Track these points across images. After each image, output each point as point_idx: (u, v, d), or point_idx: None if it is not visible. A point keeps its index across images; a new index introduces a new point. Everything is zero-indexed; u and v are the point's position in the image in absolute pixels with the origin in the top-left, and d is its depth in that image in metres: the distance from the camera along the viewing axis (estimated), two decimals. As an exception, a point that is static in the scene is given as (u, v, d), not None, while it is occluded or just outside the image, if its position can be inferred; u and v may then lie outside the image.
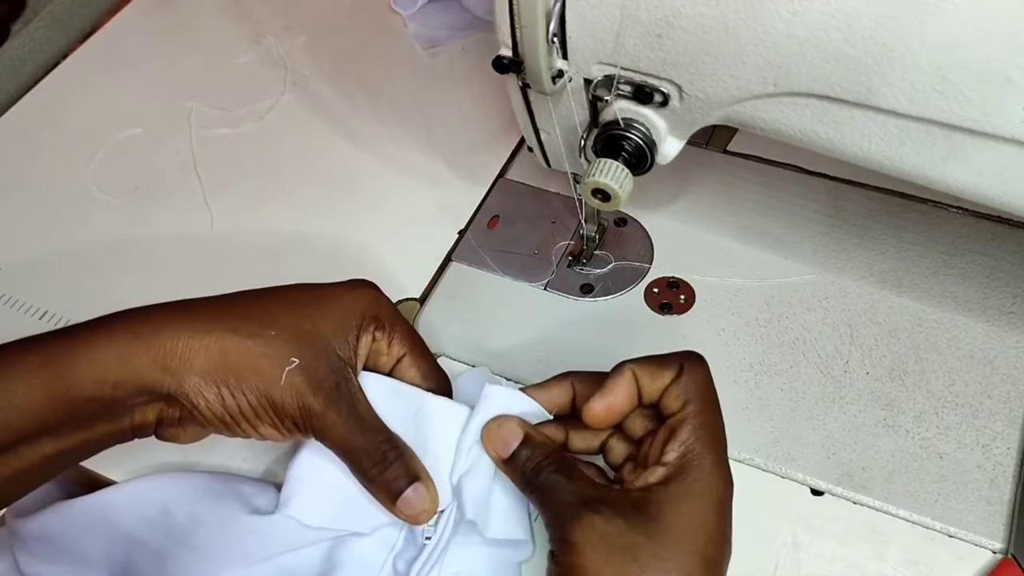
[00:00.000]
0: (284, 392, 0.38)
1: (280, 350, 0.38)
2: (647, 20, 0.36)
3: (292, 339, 0.39)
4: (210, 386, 0.37)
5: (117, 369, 0.37)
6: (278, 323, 0.39)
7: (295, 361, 0.38)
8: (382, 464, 0.39)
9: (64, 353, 0.37)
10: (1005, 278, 0.50)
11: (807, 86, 0.36)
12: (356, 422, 0.39)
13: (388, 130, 0.62)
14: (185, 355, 0.37)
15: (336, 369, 0.39)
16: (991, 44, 0.32)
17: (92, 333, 0.38)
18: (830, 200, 0.54)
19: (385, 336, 0.42)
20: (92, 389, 0.36)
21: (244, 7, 0.72)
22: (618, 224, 0.55)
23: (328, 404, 0.39)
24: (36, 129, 0.64)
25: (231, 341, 0.38)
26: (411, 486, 0.39)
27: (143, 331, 0.37)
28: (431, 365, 0.44)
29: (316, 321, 0.40)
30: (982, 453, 0.44)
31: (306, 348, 0.39)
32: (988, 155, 0.35)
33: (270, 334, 0.39)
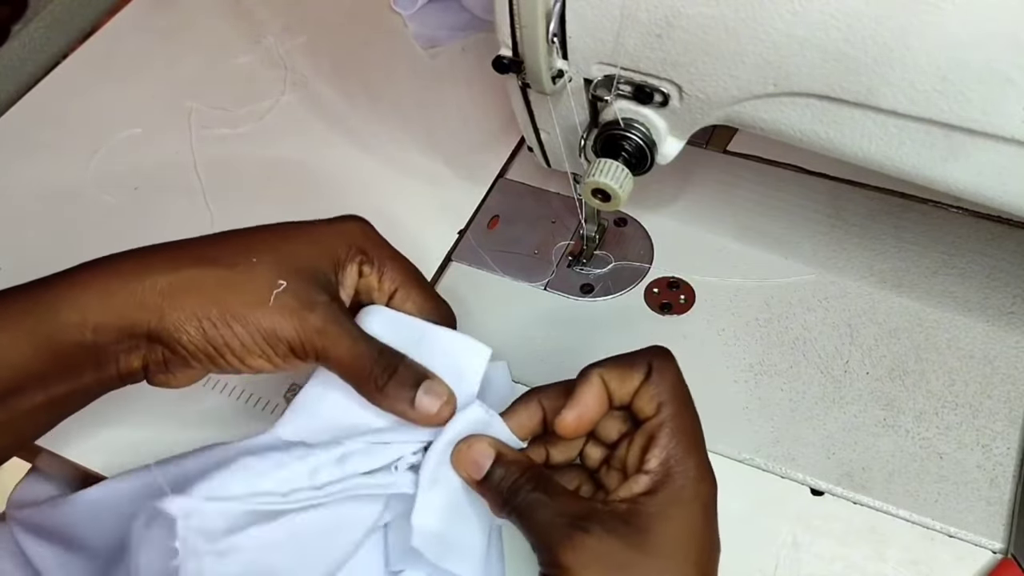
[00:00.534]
0: (275, 314, 0.37)
1: (264, 275, 0.37)
2: (647, 20, 0.36)
3: (276, 266, 0.38)
4: (191, 319, 0.36)
5: (97, 311, 0.36)
6: (259, 252, 0.38)
7: (283, 283, 0.37)
8: (388, 372, 0.38)
9: (46, 299, 0.36)
10: (1005, 278, 0.50)
11: (807, 86, 0.36)
12: (358, 332, 0.38)
13: (388, 130, 0.62)
14: (164, 290, 0.36)
15: (326, 290, 0.38)
16: (991, 44, 0.32)
17: (73, 277, 0.37)
18: (830, 200, 0.54)
19: (374, 270, 0.41)
20: (74, 334, 0.36)
21: (244, 7, 0.72)
22: (618, 224, 0.55)
23: (327, 318, 0.37)
24: (36, 129, 0.64)
25: (211, 272, 0.37)
26: (422, 384, 0.38)
27: (123, 270, 0.37)
28: (427, 295, 0.42)
29: (299, 250, 0.39)
30: (982, 453, 0.44)
31: (291, 273, 0.38)
32: (988, 155, 0.35)
33: (251, 261, 0.38)
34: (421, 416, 0.38)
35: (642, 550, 0.33)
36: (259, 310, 0.37)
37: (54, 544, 0.42)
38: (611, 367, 0.37)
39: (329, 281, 0.39)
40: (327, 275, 0.39)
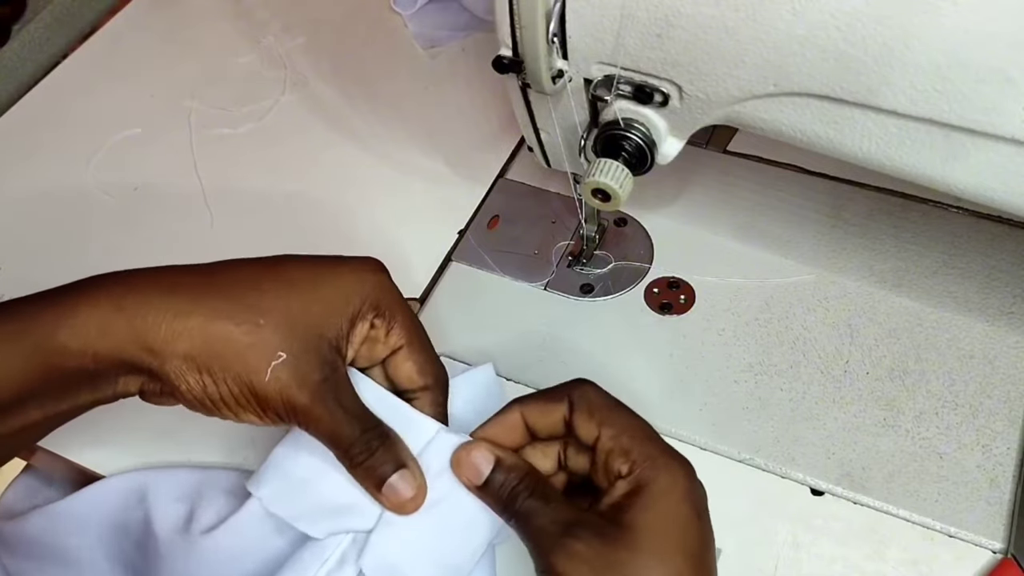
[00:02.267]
0: (269, 386, 0.37)
1: (267, 342, 0.37)
2: (647, 20, 0.36)
3: (281, 329, 0.38)
4: (192, 371, 0.37)
5: (98, 342, 0.36)
6: (267, 309, 0.38)
7: (282, 355, 0.37)
8: (367, 451, 0.38)
9: (44, 321, 0.36)
10: (1005, 278, 0.50)
11: (807, 86, 0.36)
12: (342, 414, 0.38)
13: (388, 130, 0.62)
14: (168, 337, 0.36)
15: (325, 360, 0.38)
16: (991, 44, 0.32)
17: (73, 301, 0.37)
18: (830, 200, 0.54)
19: (384, 324, 0.40)
20: (74, 360, 0.36)
21: (244, 7, 0.72)
22: (618, 224, 0.55)
23: (314, 399, 0.38)
24: (36, 129, 0.64)
25: (217, 327, 0.37)
26: (397, 472, 0.38)
27: (126, 305, 0.37)
28: (428, 359, 0.42)
29: (308, 305, 0.39)
30: (982, 453, 0.44)
31: (295, 340, 0.38)
32: (988, 155, 0.35)
33: (258, 322, 0.37)
34: (387, 501, 0.39)
35: (630, 548, 0.33)
36: (255, 379, 0.37)
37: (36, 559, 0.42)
38: (531, 403, 0.38)
39: (332, 348, 0.39)
40: (332, 341, 0.39)
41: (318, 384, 0.38)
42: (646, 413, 0.46)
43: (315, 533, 0.39)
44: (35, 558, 0.43)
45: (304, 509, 0.40)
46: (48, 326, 0.36)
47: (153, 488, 0.43)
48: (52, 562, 0.42)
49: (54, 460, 0.47)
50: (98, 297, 0.37)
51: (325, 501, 0.39)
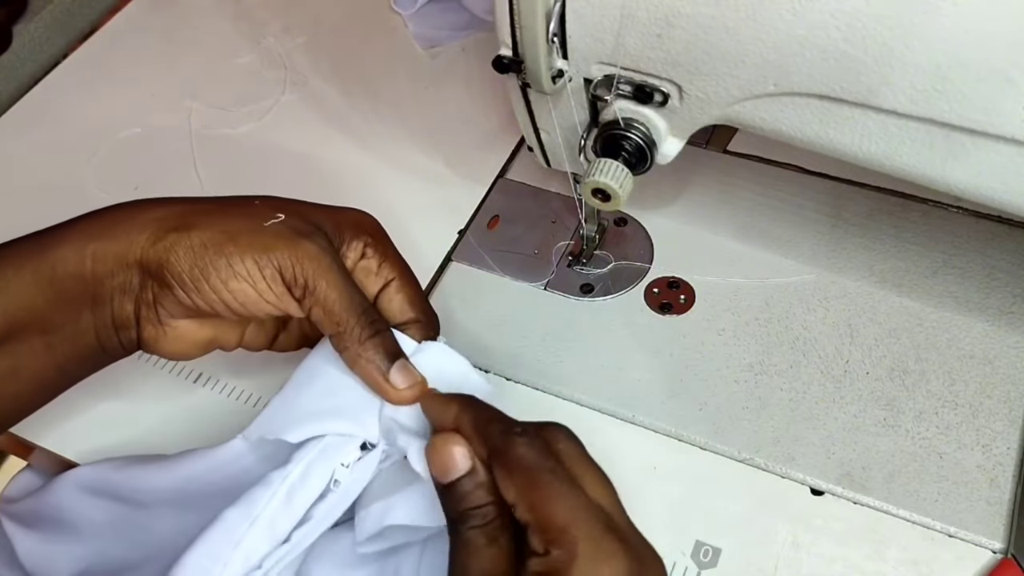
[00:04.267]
0: (269, 235, 0.37)
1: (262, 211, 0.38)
2: (647, 20, 0.36)
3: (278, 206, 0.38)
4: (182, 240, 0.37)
5: (96, 237, 0.37)
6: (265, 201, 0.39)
7: (280, 216, 0.37)
8: (374, 327, 0.38)
9: (52, 237, 0.38)
10: (1005, 278, 0.50)
11: (807, 86, 0.36)
12: (349, 277, 0.38)
13: (388, 130, 0.62)
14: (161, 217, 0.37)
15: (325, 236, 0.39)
16: (991, 44, 0.32)
17: (81, 219, 0.39)
18: (830, 200, 0.54)
19: (376, 256, 0.41)
20: (73, 265, 0.37)
21: (244, 7, 0.72)
22: (618, 224, 0.55)
23: (322, 248, 0.37)
24: (36, 129, 0.64)
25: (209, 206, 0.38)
26: (397, 361, 0.38)
27: (128, 207, 0.38)
28: (418, 295, 0.42)
29: (306, 211, 0.40)
30: (982, 453, 0.44)
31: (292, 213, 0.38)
32: (988, 155, 0.35)
33: (254, 203, 0.38)
34: (387, 386, 0.37)
35: None
36: (252, 232, 0.37)
37: (40, 532, 0.43)
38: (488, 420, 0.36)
39: (328, 239, 0.39)
40: (328, 235, 0.39)
41: (324, 239, 0.38)
42: (646, 413, 0.46)
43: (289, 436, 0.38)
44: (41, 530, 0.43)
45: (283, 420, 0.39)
46: (53, 241, 0.37)
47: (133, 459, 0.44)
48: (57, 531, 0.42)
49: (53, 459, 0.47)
50: (101, 212, 0.39)
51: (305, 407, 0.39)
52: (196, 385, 0.49)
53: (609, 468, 0.45)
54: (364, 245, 0.41)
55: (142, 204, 0.39)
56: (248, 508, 0.37)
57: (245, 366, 0.49)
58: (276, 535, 0.37)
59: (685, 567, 0.42)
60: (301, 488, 0.37)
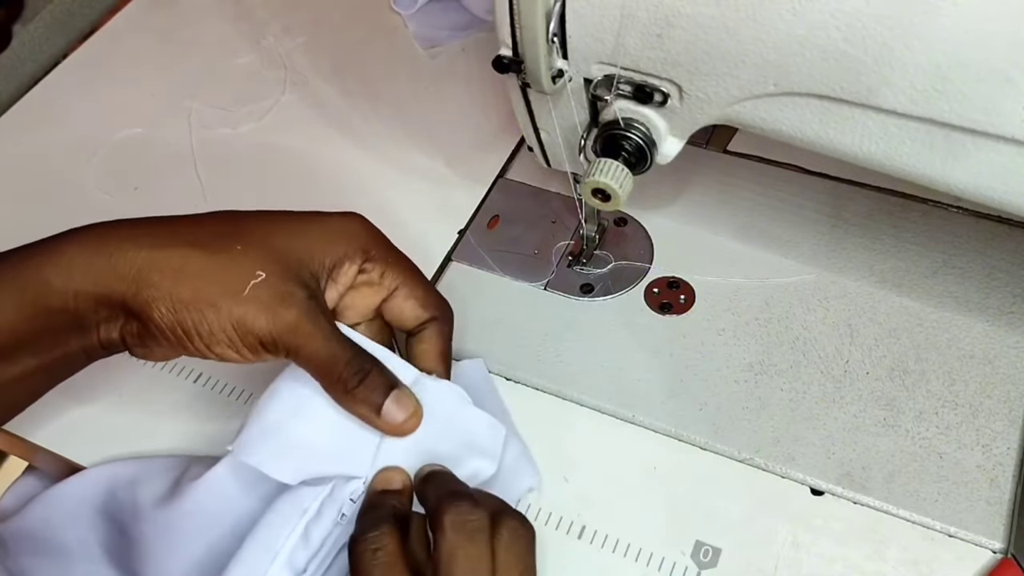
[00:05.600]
0: (248, 305, 0.36)
1: (244, 265, 0.37)
2: (647, 20, 0.36)
3: (260, 254, 0.37)
4: (164, 298, 0.36)
5: (79, 278, 0.36)
6: (246, 238, 0.38)
7: (261, 275, 0.37)
8: (361, 374, 0.38)
9: (33, 263, 0.37)
10: (1005, 278, 0.50)
11: (807, 86, 0.36)
12: (332, 332, 0.38)
13: (388, 130, 0.62)
14: (144, 265, 0.36)
15: (307, 284, 0.38)
16: (991, 44, 0.32)
17: (61, 242, 0.38)
18: (830, 200, 0.54)
19: (377, 267, 0.40)
20: (58, 299, 0.36)
21: (244, 7, 0.72)
22: (618, 224, 0.55)
23: (301, 314, 0.37)
24: (36, 129, 0.64)
25: (191, 254, 0.37)
26: (391, 394, 0.38)
27: (108, 240, 0.37)
28: (430, 293, 0.42)
29: (291, 239, 0.39)
30: (982, 453, 0.44)
31: (274, 262, 0.37)
32: (988, 155, 0.35)
33: (236, 248, 0.37)
34: (386, 424, 0.38)
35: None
36: (232, 299, 0.36)
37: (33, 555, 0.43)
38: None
39: (313, 277, 0.38)
40: (313, 271, 0.38)
41: (304, 301, 0.37)
42: (646, 413, 0.46)
43: (284, 478, 0.38)
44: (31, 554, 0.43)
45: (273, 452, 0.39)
46: (35, 268, 0.37)
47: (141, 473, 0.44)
48: (48, 555, 0.42)
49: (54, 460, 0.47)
50: (84, 237, 0.38)
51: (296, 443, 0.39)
52: (196, 385, 0.49)
53: (609, 468, 0.45)
54: (362, 260, 0.40)
55: (123, 236, 0.38)
56: (269, 543, 0.37)
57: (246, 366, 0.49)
58: (295, 569, 0.38)
59: (685, 567, 0.42)
60: (316, 524, 0.38)
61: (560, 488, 0.44)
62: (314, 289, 0.38)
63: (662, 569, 0.42)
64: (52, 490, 0.44)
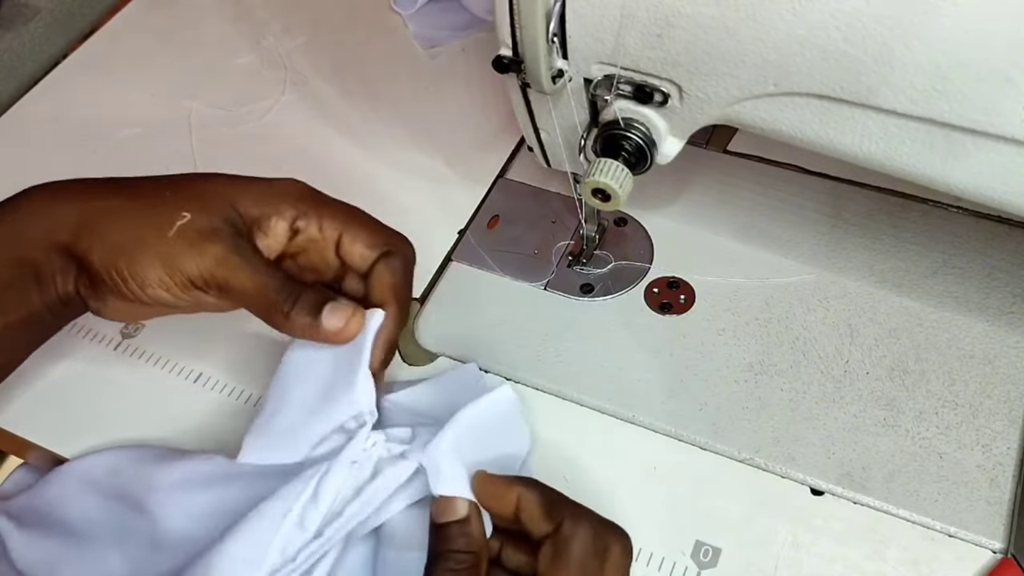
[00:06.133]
0: (175, 244, 0.37)
1: (171, 207, 0.38)
2: (647, 20, 0.36)
3: (188, 197, 0.39)
4: (98, 243, 0.37)
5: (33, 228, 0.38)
6: (178, 186, 0.40)
7: (186, 215, 0.38)
8: (294, 296, 0.38)
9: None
10: (1005, 278, 0.50)
11: (807, 86, 0.36)
12: (260, 263, 0.38)
13: (388, 130, 0.62)
14: (83, 214, 0.38)
15: (232, 223, 0.39)
16: (991, 44, 0.32)
17: (18, 199, 0.39)
18: (830, 200, 0.54)
19: (311, 221, 0.41)
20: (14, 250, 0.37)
21: (244, 7, 0.72)
22: (618, 224, 0.55)
23: (227, 248, 0.38)
24: (36, 129, 0.64)
25: (122, 202, 0.39)
26: (326, 306, 0.38)
27: (58, 193, 0.39)
28: (375, 232, 0.42)
29: (222, 187, 0.40)
30: (982, 453, 0.44)
31: (200, 205, 0.38)
32: (988, 155, 0.35)
33: (165, 194, 0.39)
34: (328, 334, 0.38)
35: None
36: (159, 238, 0.37)
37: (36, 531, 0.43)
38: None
39: (241, 220, 0.39)
40: (241, 215, 0.39)
41: (229, 236, 0.38)
42: (646, 413, 0.46)
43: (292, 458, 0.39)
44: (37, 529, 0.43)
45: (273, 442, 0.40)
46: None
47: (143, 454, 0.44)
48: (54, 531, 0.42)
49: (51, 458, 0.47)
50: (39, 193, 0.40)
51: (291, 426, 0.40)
52: (196, 385, 0.49)
53: (609, 468, 0.45)
54: (293, 219, 0.41)
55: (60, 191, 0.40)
56: (284, 502, 0.38)
57: (245, 366, 0.49)
58: (305, 529, 0.38)
59: (685, 567, 0.42)
60: (324, 484, 0.38)
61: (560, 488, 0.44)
62: (240, 228, 0.39)
63: (662, 569, 0.42)
64: (54, 472, 0.44)
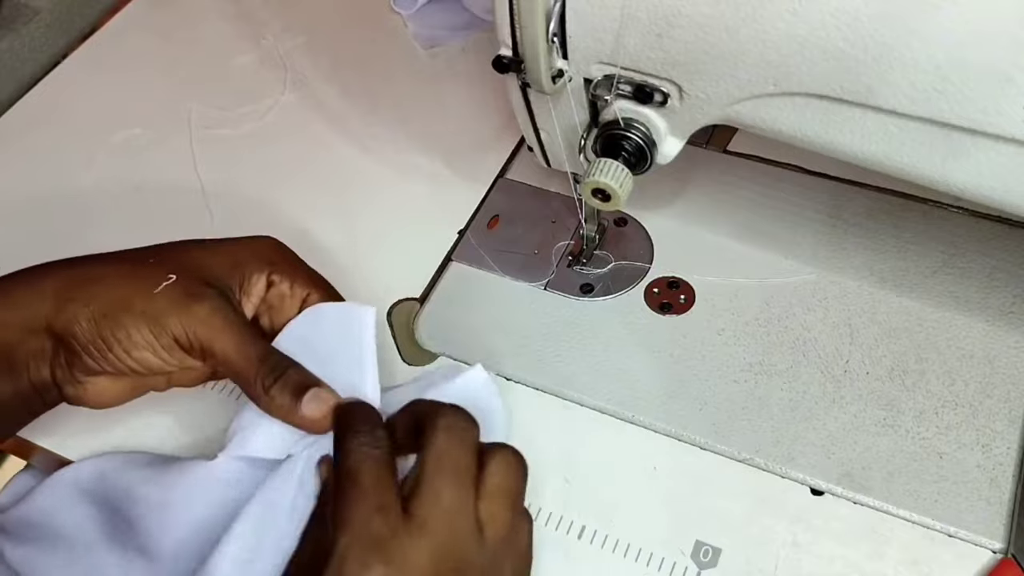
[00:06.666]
0: (161, 302, 0.37)
1: (156, 271, 0.38)
2: (647, 20, 0.36)
3: (172, 263, 0.39)
4: (83, 310, 0.37)
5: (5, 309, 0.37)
6: (159, 254, 0.40)
7: (172, 277, 0.38)
8: (277, 371, 0.38)
9: None
10: (1005, 278, 0.50)
11: (807, 86, 0.36)
12: (245, 329, 0.38)
13: (388, 130, 0.62)
14: (60, 283, 0.38)
15: (218, 287, 0.39)
16: (991, 44, 0.32)
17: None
18: (830, 200, 0.54)
19: (286, 279, 0.41)
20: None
21: (244, 7, 0.72)
22: (618, 224, 0.55)
23: (213, 309, 0.38)
24: (36, 129, 0.64)
25: (108, 269, 0.39)
26: (308, 392, 0.38)
27: (28, 273, 0.39)
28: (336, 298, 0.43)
29: (202, 254, 0.40)
30: (982, 453, 0.44)
31: (185, 270, 0.39)
32: (988, 155, 0.35)
33: (148, 262, 0.39)
34: (305, 422, 0.38)
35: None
36: (145, 299, 0.37)
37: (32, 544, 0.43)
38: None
39: (226, 286, 0.39)
40: (224, 281, 0.40)
41: (215, 298, 0.38)
42: (646, 413, 0.46)
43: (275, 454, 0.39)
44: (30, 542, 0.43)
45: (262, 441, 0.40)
46: None
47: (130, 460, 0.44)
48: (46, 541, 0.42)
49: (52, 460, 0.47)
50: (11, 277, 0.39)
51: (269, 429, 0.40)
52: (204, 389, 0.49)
53: (609, 468, 0.45)
54: (269, 274, 0.41)
55: (39, 270, 0.39)
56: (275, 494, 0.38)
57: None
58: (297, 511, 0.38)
59: (685, 567, 0.42)
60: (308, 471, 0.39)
61: (560, 488, 0.44)
62: (225, 291, 0.39)
63: (662, 569, 0.42)
64: (44, 481, 0.44)
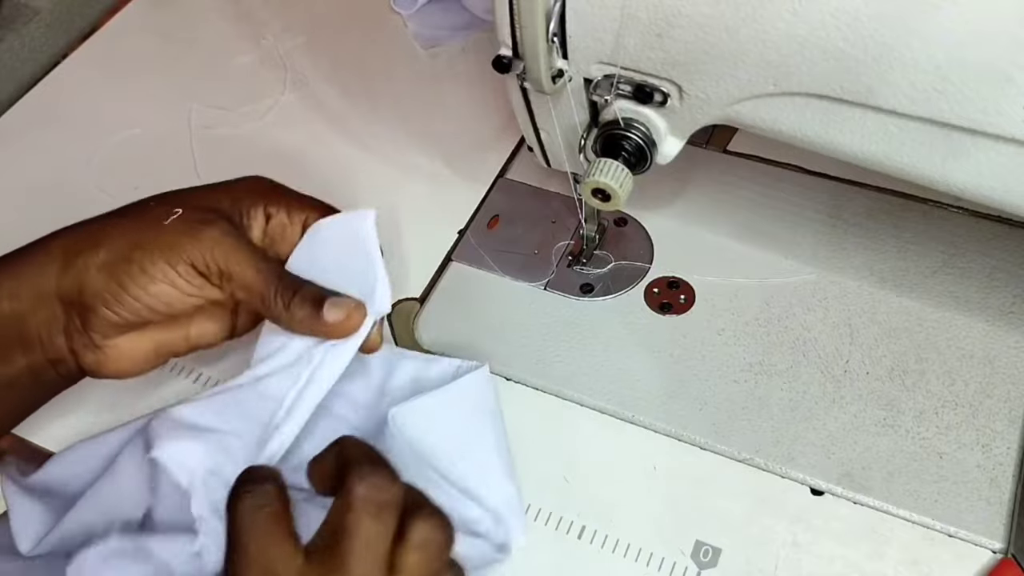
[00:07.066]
0: (172, 233, 0.38)
1: (160, 211, 0.39)
2: (647, 20, 0.36)
3: (174, 203, 0.39)
4: (92, 258, 0.37)
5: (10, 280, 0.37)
6: (160, 199, 0.40)
7: (178, 211, 0.38)
8: (294, 288, 0.39)
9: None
10: (1005, 278, 0.50)
11: (807, 86, 0.36)
12: (258, 251, 0.39)
13: (388, 130, 0.62)
14: (66, 242, 0.38)
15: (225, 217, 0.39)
16: (991, 43, 0.32)
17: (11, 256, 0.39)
18: (830, 200, 0.54)
19: (280, 208, 0.42)
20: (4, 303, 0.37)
21: (244, 7, 0.72)
22: (618, 224, 0.55)
23: (223, 232, 0.38)
24: (36, 129, 0.64)
25: (111, 219, 0.39)
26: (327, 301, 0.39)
27: (33, 245, 0.39)
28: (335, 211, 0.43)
29: (202, 196, 0.41)
30: (982, 453, 0.44)
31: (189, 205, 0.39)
32: (988, 155, 0.35)
33: (150, 205, 0.39)
34: (330, 327, 0.38)
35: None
36: (156, 233, 0.38)
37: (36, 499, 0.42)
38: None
39: (229, 216, 0.40)
40: (227, 212, 0.40)
41: (223, 223, 0.39)
42: (646, 413, 0.46)
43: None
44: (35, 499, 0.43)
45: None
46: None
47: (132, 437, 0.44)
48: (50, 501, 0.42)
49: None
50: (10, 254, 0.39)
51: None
52: (196, 385, 0.49)
53: (609, 468, 0.45)
54: (265, 207, 0.42)
55: (46, 236, 0.40)
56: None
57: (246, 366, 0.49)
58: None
59: (685, 567, 0.42)
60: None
61: (560, 488, 0.44)
62: (230, 219, 0.40)
63: (662, 569, 0.42)
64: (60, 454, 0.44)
